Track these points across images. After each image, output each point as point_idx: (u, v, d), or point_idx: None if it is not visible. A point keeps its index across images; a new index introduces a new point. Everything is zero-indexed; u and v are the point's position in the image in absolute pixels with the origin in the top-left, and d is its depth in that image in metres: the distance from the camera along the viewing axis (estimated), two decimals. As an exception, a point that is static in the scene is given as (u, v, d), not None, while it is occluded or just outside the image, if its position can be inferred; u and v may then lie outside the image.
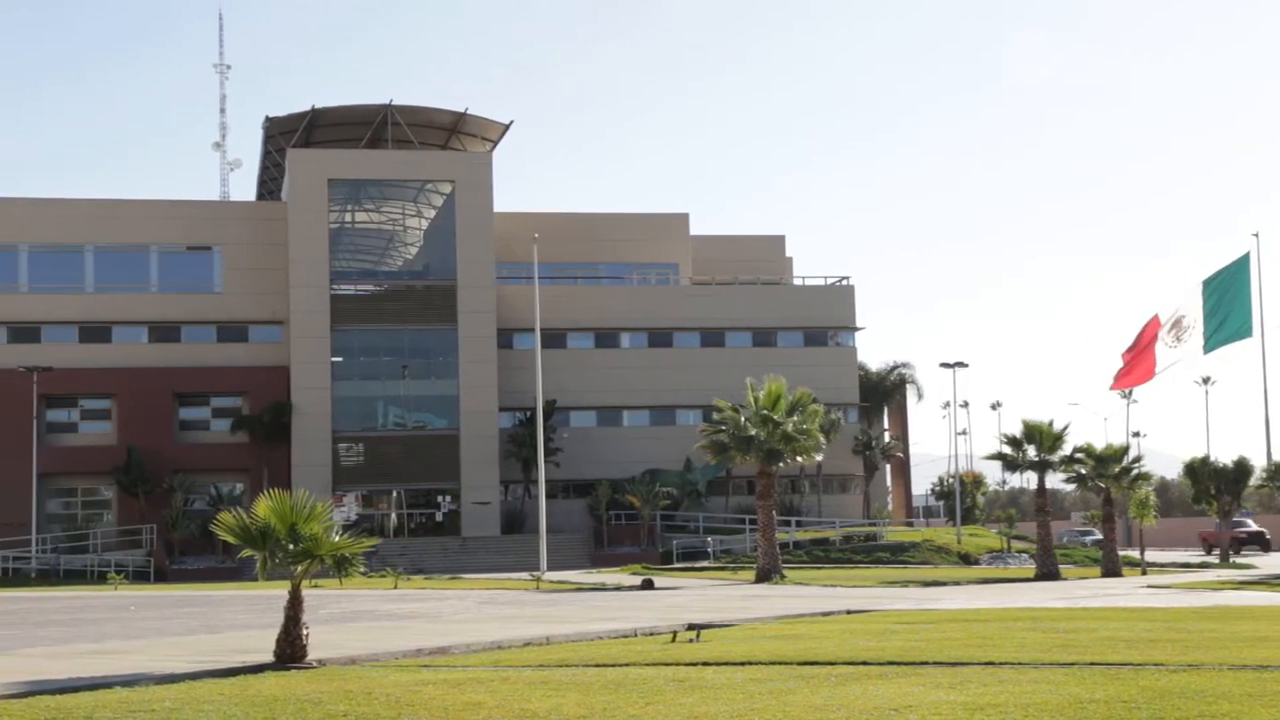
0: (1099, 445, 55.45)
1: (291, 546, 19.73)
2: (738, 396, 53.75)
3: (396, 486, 76.38)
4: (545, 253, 69.39)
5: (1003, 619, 26.77)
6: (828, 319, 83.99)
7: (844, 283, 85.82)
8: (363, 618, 32.00)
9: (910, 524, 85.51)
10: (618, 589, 45.82)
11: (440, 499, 76.41)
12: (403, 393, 76.97)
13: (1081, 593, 40.50)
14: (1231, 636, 21.18)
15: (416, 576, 59.19)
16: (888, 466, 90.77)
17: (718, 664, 18.45)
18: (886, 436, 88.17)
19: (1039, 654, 18.69)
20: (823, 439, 54.37)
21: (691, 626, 24.53)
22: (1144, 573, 55.02)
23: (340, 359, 75.61)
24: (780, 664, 18.28)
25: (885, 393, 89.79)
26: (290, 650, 19.38)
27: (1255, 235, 59.87)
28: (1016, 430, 53.95)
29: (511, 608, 35.87)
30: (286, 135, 78.75)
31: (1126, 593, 39.97)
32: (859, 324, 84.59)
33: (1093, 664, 17.23)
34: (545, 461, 65.21)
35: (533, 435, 68.19)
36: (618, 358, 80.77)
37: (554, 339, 76.60)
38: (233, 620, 32.14)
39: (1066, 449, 53.76)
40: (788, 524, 71.98)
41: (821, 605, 33.73)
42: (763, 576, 50.51)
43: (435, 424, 77.01)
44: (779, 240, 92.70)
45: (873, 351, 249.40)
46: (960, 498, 78.49)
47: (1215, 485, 67.64)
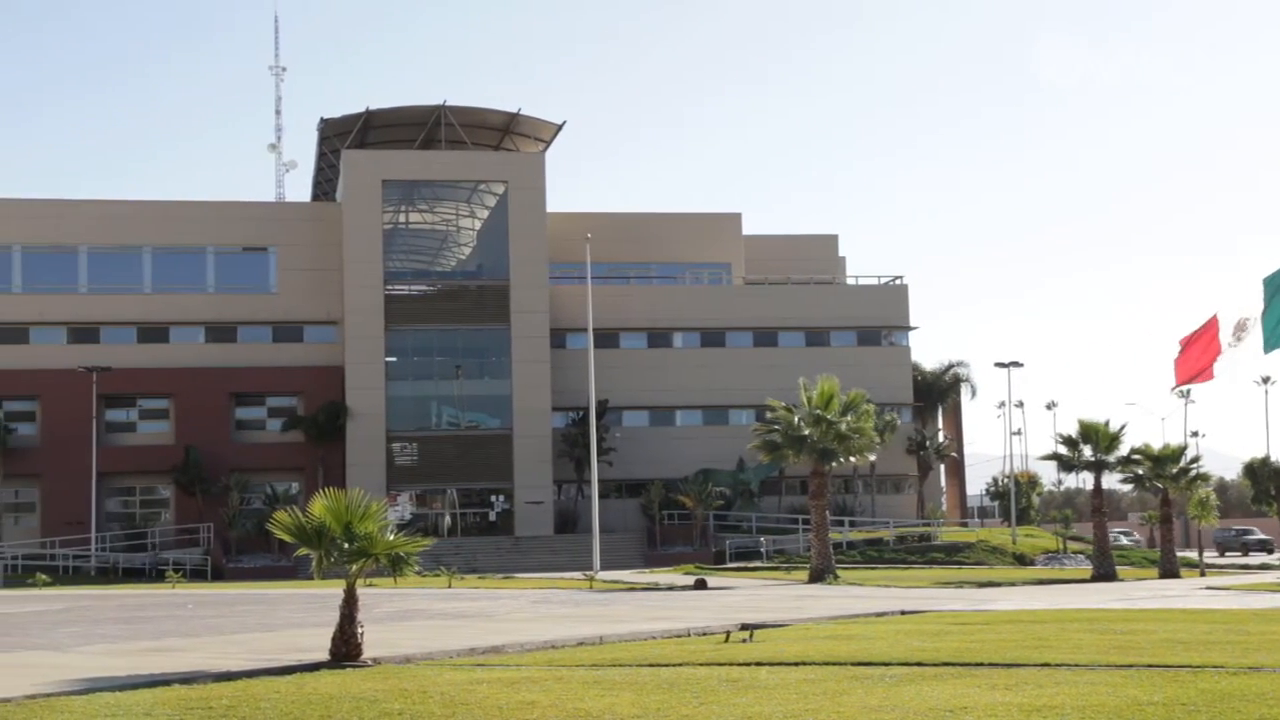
0: (1156, 445, 54.95)
1: (347, 545, 19.83)
2: (791, 396, 53.60)
3: (450, 486, 76.66)
4: (598, 253, 69.44)
5: (1059, 620, 26.55)
6: (881, 318, 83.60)
7: (897, 282, 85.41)
8: (417, 616, 32.15)
9: (965, 524, 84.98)
10: (670, 589, 45.81)
11: (493, 498, 76.64)
12: (456, 392, 77.26)
13: (1139, 594, 40.14)
14: (1292, 639, 20.91)
15: (470, 576, 59.41)
16: (942, 466, 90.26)
17: (771, 664, 18.40)
18: (940, 436, 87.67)
19: (1096, 655, 18.53)
20: (876, 439, 54.13)
21: (745, 626, 24.48)
22: (1202, 574, 54.50)
23: (394, 359, 75.97)
24: (834, 664, 18.21)
25: (940, 393, 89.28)
26: (345, 649, 19.49)
27: (1316, 233, 59.06)
28: (1072, 430, 53.59)
29: (565, 607, 35.93)
30: (341, 136, 79.23)
31: (1184, 594, 39.57)
32: (913, 323, 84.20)
33: (1151, 666, 17.06)
34: (598, 461, 65.29)
35: (585, 435, 68.27)
36: (670, 357, 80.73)
37: (607, 339, 76.64)
38: (288, 619, 32.37)
39: (1123, 449, 53.34)
40: (841, 524, 71.74)
41: (875, 606, 33.59)
42: (816, 576, 50.36)
43: (488, 424, 77.25)
44: (832, 240, 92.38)
45: (927, 351, 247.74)
46: (1015, 498, 77.95)
47: (1275, 486, 66.89)
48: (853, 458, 52.75)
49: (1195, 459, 56.22)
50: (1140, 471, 54.11)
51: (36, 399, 74.09)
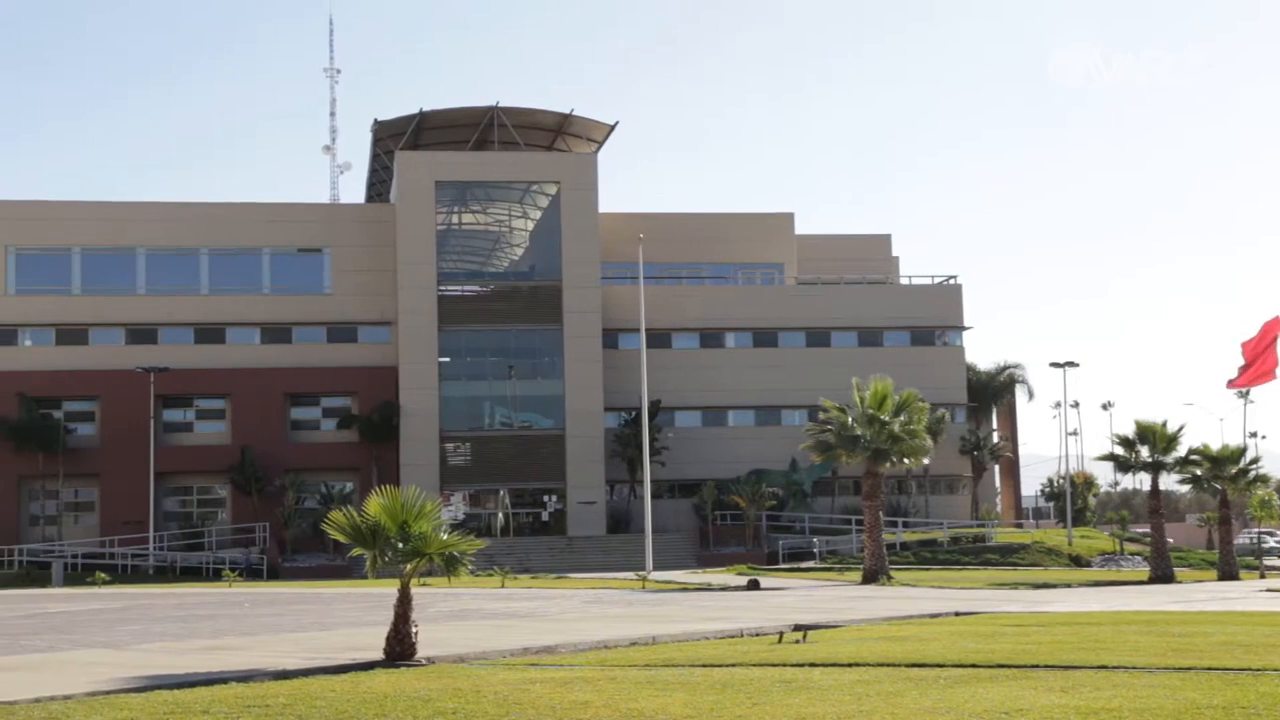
0: (1215, 446, 54.36)
1: (401, 545, 19.93)
2: (843, 396, 53.42)
3: (503, 486, 76.93)
4: (650, 253, 69.53)
5: (1116, 622, 26.32)
6: (935, 318, 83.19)
7: (951, 282, 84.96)
8: (470, 616, 32.27)
9: (1020, 525, 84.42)
10: (723, 589, 45.77)
11: (546, 498, 76.84)
12: (509, 393, 77.51)
13: (1198, 596, 39.71)
14: (1354, 642, 20.63)
15: (523, 575, 59.59)
16: (996, 467, 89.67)
17: (825, 665, 18.34)
18: (995, 437, 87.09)
19: (1153, 658, 18.35)
20: (929, 439, 53.86)
21: (798, 627, 24.43)
22: (1262, 575, 53.89)
23: (447, 359, 76.29)
24: (888, 665, 18.14)
25: (994, 393, 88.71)
26: (400, 648, 19.59)
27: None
28: (1129, 431, 53.12)
29: (617, 607, 35.96)
30: (395, 138, 79.68)
31: (1244, 596, 39.13)
32: (967, 323, 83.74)
33: (1210, 669, 16.88)
34: (650, 461, 65.32)
35: (638, 435, 68.33)
36: (723, 358, 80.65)
37: (659, 339, 76.70)
38: (343, 617, 32.57)
39: (1181, 450, 52.82)
40: (894, 525, 71.45)
41: (929, 607, 33.43)
42: (869, 577, 50.18)
43: (541, 424, 77.45)
44: (885, 239, 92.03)
45: (981, 351, 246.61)
46: (1071, 499, 77.36)
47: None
48: (906, 459, 52.51)
49: (1255, 460, 55.59)
50: (1198, 472, 53.57)
51: (96, 399, 74.94)
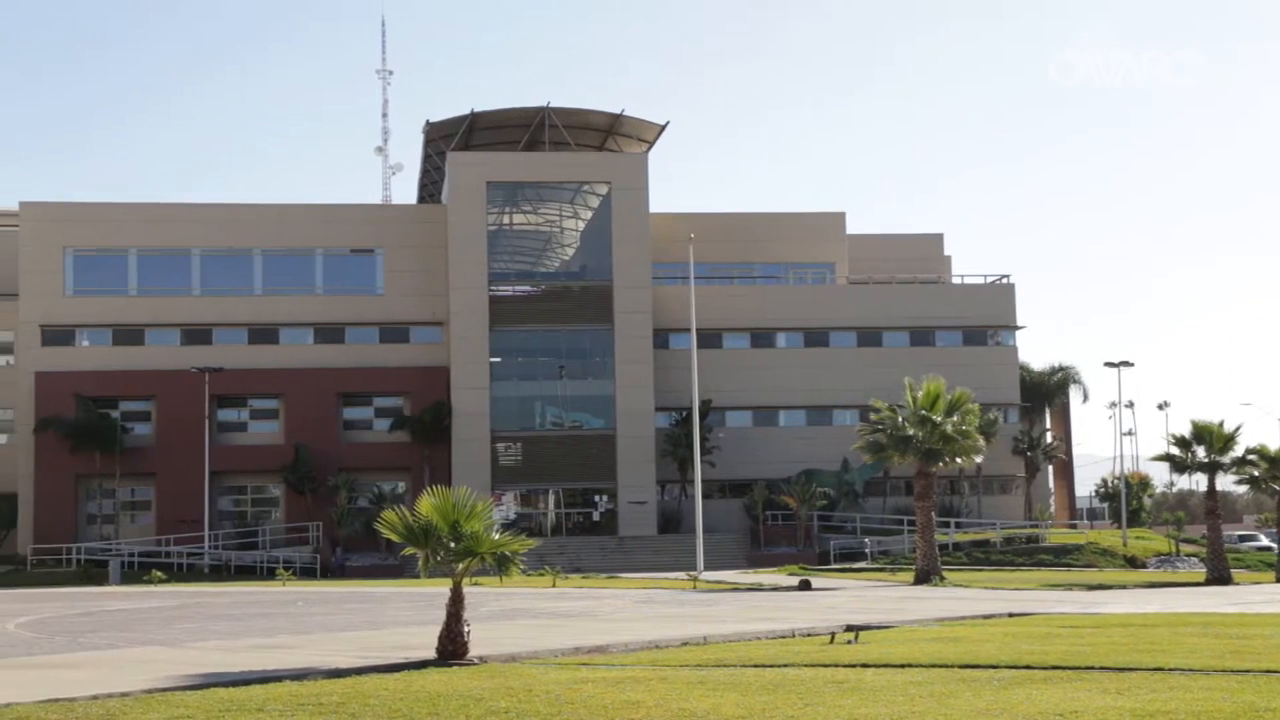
0: (1273, 446, 53.69)
1: (453, 544, 20.02)
2: (895, 396, 53.19)
3: (554, 486, 77.08)
4: (701, 253, 69.49)
5: (1172, 624, 26.08)
6: (987, 318, 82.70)
7: (1004, 281, 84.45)
8: (522, 615, 32.36)
9: (1074, 526, 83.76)
10: (774, 589, 45.71)
11: (597, 498, 76.94)
12: (560, 393, 77.66)
13: (1255, 598, 39.27)
14: None
15: (574, 575, 59.70)
16: (1050, 467, 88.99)
17: (877, 666, 18.29)
18: (1048, 437, 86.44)
19: (1211, 660, 18.18)
20: (982, 440, 53.54)
21: (850, 628, 24.36)
22: (1321, 577, 53.13)
23: (498, 359, 76.51)
24: (941, 667, 18.06)
25: (1048, 393, 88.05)
26: (452, 647, 19.68)
27: None
28: (1185, 431, 52.57)
29: (668, 607, 35.97)
30: (446, 139, 79.99)
31: (1302, 598, 38.64)
32: (1020, 323, 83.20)
33: (1268, 671, 16.71)
34: (701, 461, 65.28)
35: (688, 435, 68.29)
36: (773, 358, 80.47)
37: (710, 339, 76.63)
38: (396, 616, 32.75)
39: (1238, 450, 52.20)
40: (947, 525, 71.06)
41: (982, 608, 33.24)
42: (922, 578, 49.95)
43: (592, 424, 77.54)
44: (937, 239, 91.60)
45: (1035, 350, 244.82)
46: (1126, 500, 76.69)
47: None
48: (958, 459, 52.22)
49: (1313, 460, 54.78)
50: (1256, 473, 52.91)
51: (152, 399, 75.66)
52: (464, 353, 75.34)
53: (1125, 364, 74.86)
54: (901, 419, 51.17)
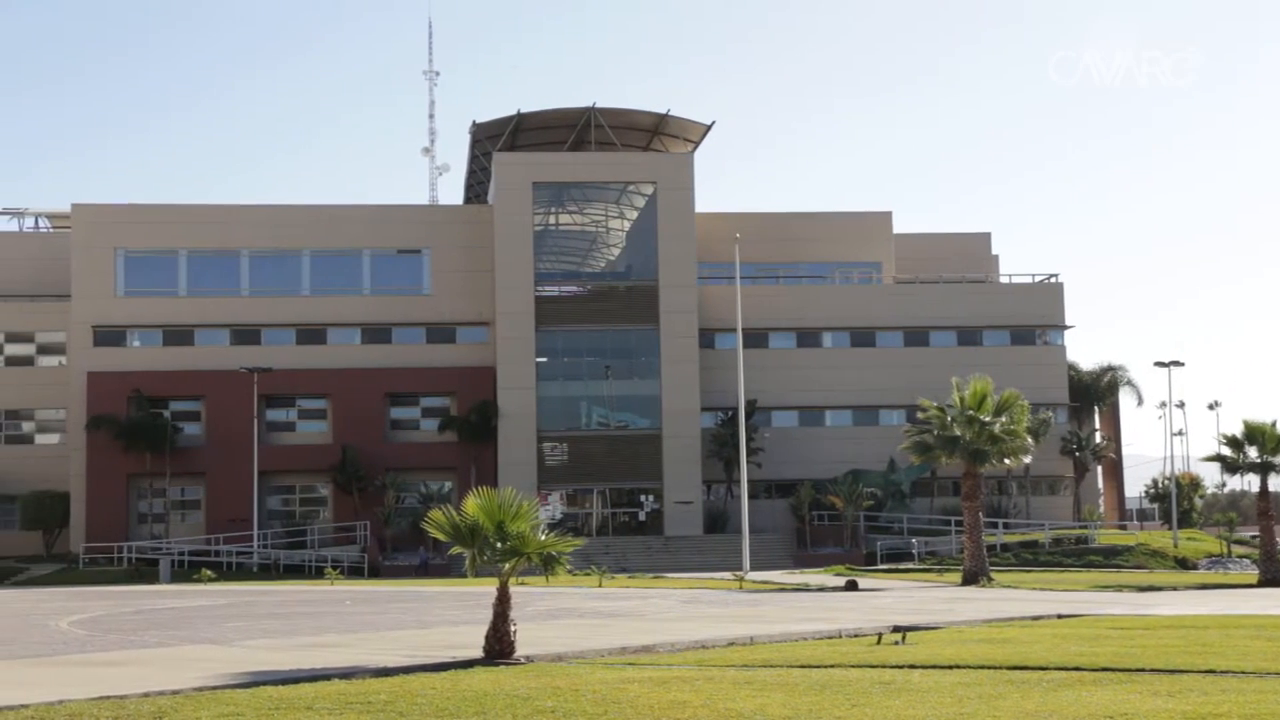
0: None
1: (499, 544, 20.08)
2: (942, 396, 52.92)
3: (600, 486, 77.16)
4: (747, 253, 69.37)
5: (1224, 626, 25.83)
6: (1035, 317, 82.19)
7: (1052, 280, 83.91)
8: (568, 615, 32.41)
9: (1123, 527, 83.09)
10: (821, 590, 45.59)
11: (643, 498, 76.96)
12: (605, 393, 77.73)
13: (1308, 600, 38.81)
14: None
15: (620, 575, 59.74)
16: (1099, 468, 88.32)
17: (924, 667, 18.21)
18: (1098, 437, 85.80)
19: (1264, 663, 17.99)
20: (1030, 440, 53.19)
21: (897, 628, 24.27)
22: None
23: (544, 359, 76.66)
24: (989, 668, 17.96)
25: (1098, 394, 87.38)
26: (499, 646, 19.74)
27: None
28: (1237, 431, 52.02)
29: (715, 607, 35.94)
30: (493, 139, 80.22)
31: (1357, 601, 38.17)
32: (1068, 322, 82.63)
33: (1321, 675, 16.50)
34: (747, 461, 65.17)
35: (734, 435, 68.21)
36: (820, 357, 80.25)
37: (756, 339, 76.51)
38: (443, 616, 32.87)
39: (1291, 450, 51.56)
40: (995, 526, 70.66)
41: (1031, 609, 33.04)
42: (969, 579, 49.69)
43: (638, 424, 77.57)
44: (984, 238, 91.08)
45: (1084, 350, 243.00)
46: (1176, 500, 76.02)
47: None
48: (1006, 459, 51.90)
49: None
50: (1309, 473, 52.30)
51: (201, 399, 76.26)
52: (510, 353, 75.52)
53: (1176, 363, 74.23)
54: (949, 419, 50.90)
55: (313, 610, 36.37)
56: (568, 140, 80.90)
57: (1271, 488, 56.36)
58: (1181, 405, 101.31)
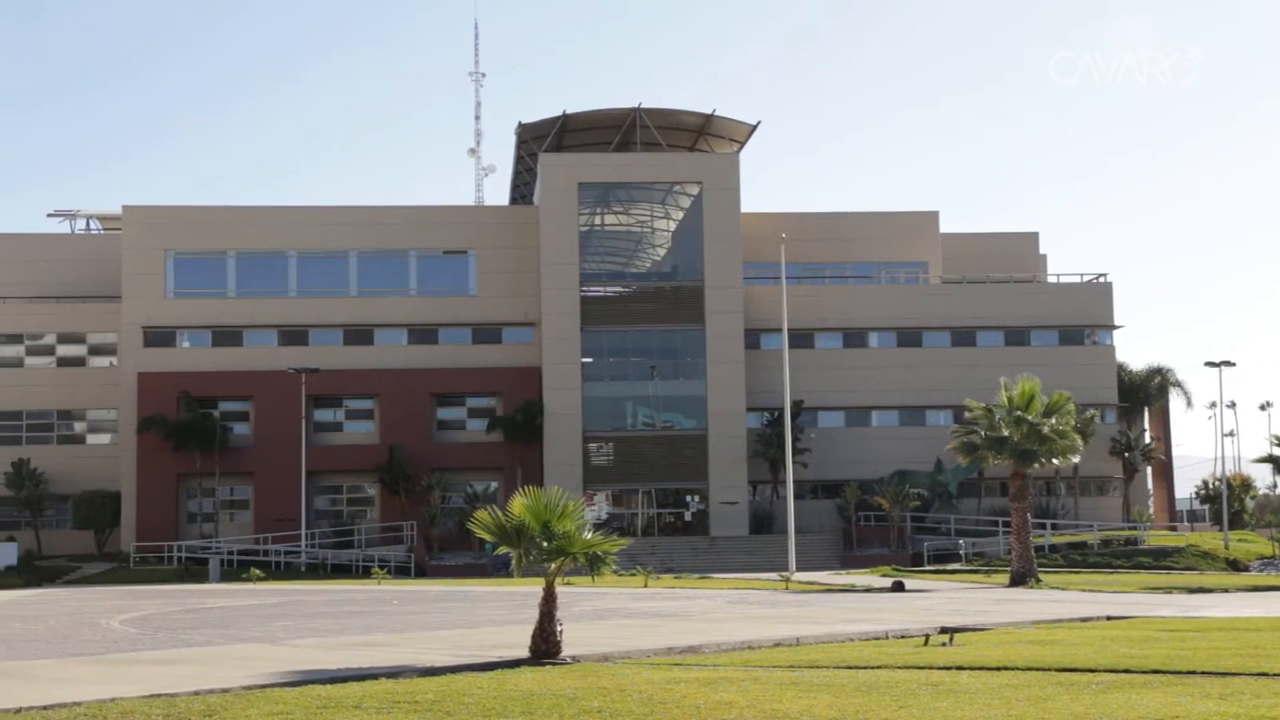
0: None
1: (545, 544, 20.12)
2: (989, 397, 52.61)
3: (645, 486, 77.19)
4: (792, 253, 69.24)
5: (1276, 628, 25.57)
6: (1084, 317, 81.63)
7: (1101, 280, 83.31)
8: (614, 615, 32.44)
9: (1173, 528, 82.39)
10: (867, 590, 45.43)
11: (689, 499, 76.94)
12: (651, 393, 77.75)
13: (1362, 603, 38.35)
14: None
15: (666, 575, 59.75)
16: (1148, 469, 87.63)
17: (972, 668, 18.12)
18: (1147, 438, 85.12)
19: (1316, 666, 17.78)
20: (1079, 440, 52.80)
21: (944, 630, 24.15)
22: None
23: (590, 360, 76.78)
24: (1037, 670, 17.86)
25: (1147, 395, 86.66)
26: (545, 646, 19.77)
27: None
28: (1289, 431, 51.47)
29: (761, 608, 35.88)
30: (538, 140, 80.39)
31: None
32: (1117, 322, 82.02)
33: (1376, 678, 16.31)
34: (793, 462, 65.06)
35: (780, 435, 68.09)
36: (866, 357, 79.99)
37: (801, 339, 76.36)
38: (489, 615, 32.96)
39: (1344, 451, 51.05)
40: (1043, 527, 70.22)
41: (1080, 610, 32.80)
42: (1017, 580, 49.40)
43: (683, 424, 77.56)
44: (1032, 237, 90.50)
45: (1134, 349, 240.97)
46: (1227, 502, 75.34)
47: None
48: (1055, 459, 51.54)
49: None
50: (1362, 474, 51.74)
51: (250, 400, 76.79)
52: (556, 353, 75.68)
53: (1226, 364, 73.57)
54: (996, 419, 50.60)
55: (360, 610, 36.56)
56: (613, 141, 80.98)
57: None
58: (1233, 406, 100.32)
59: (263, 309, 77.63)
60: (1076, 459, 55.47)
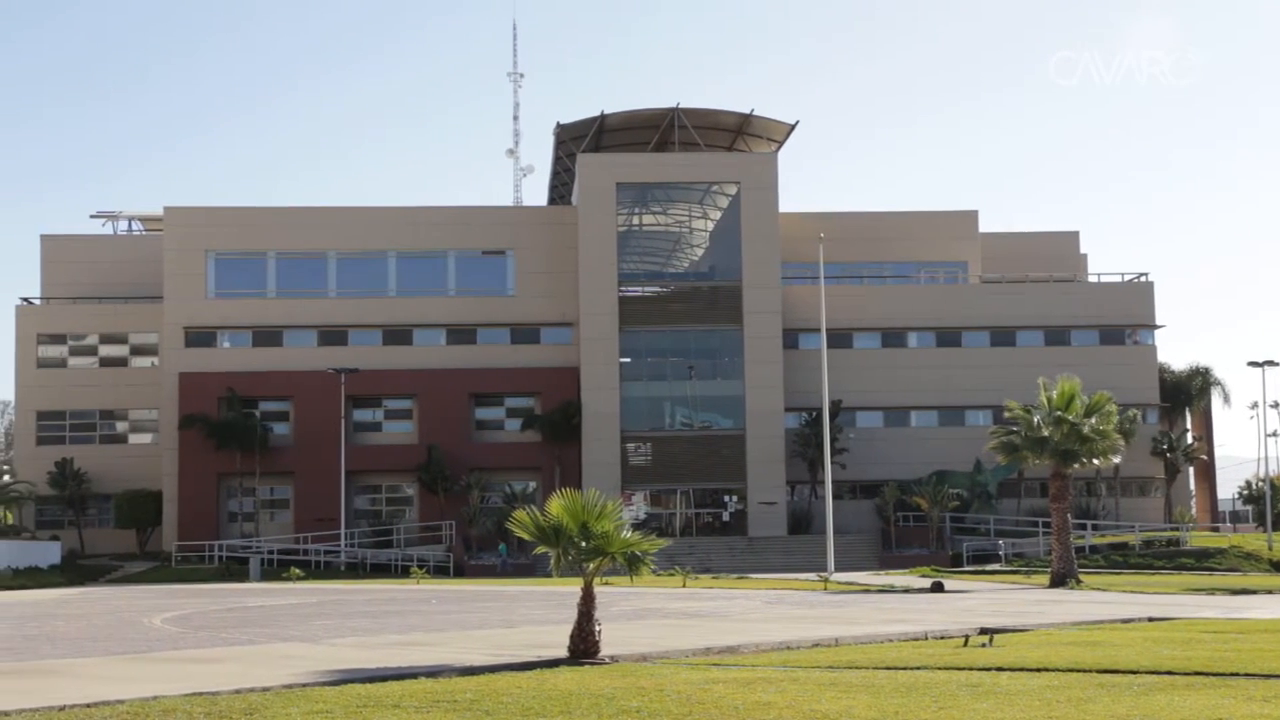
0: None
1: (583, 544, 20.15)
2: (1029, 397, 52.36)
3: (683, 486, 77.15)
4: (831, 252, 69.10)
5: (1320, 631, 25.32)
6: (1124, 317, 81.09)
7: (1142, 279, 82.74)
8: (652, 615, 32.44)
9: (1216, 529, 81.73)
10: (906, 591, 45.27)
11: (727, 499, 76.86)
12: (689, 393, 77.72)
13: None
14: None
15: (704, 575, 59.71)
16: (1191, 469, 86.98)
17: (1012, 670, 18.04)
18: (1189, 438, 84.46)
19: (1361, 669, 17.61)
20: (1120, 440, 52.45)
21: (984, 630, 24.05)
22: None
23: (628, 360, 76.79)
24: (1078, 671, 17.76)
25: (1189, 395, 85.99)
26: (583, 646, 19.80)
27: None
28: (1333, 431, 50.96)
29: (799, 608, 35.81)
30: (576, 140, 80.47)
31: None
32: (1159, 321, 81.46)
33: None
34: (831, 462, 64.89)
35: (818, 435, 67.94)
36: (905, 357, 79.71)
37: (840, 339, 76.17)
38: (528, 615, 33.03)
39: (1389, 452, 50.51)
40: (1083, 527, 69.80)
41: (1121, 611, 32.59)
42: (1057, 581, 49.12)
43: (721, 424, 77.49)
44: (1072, 236, 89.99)
45: (1176, 349, 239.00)
46: (1270, 502, 74.64)
47: None
48: (1095, 460, 51.21)
49: None
50: None
51: (290, 399, 77.18)
52: (594, 353, 75.74)
53: (1270, 363, 72.89)
54: (1036, 420, 50.32)
55: (399, 609, 36.70)
56: (651, 141, 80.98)
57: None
58: (1275, 405, 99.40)
59: (302, 309, 78.00)
60: (1117, 459, 55.10)
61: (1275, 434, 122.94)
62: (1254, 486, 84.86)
